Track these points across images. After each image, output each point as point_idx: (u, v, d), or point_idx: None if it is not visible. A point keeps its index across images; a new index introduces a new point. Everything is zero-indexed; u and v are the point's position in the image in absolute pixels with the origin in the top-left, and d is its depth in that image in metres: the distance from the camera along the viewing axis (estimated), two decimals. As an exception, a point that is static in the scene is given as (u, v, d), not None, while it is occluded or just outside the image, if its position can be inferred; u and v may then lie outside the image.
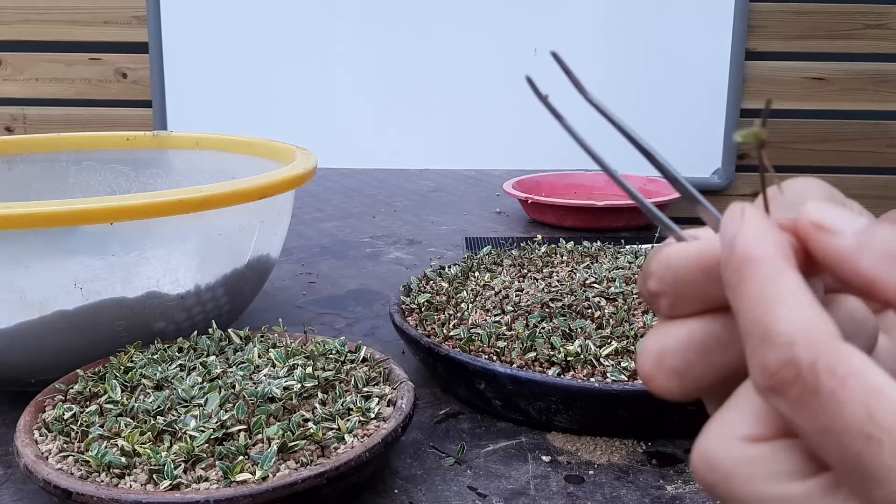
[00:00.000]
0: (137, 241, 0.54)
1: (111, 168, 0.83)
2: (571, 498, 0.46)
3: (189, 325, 0.60)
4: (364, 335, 0.70)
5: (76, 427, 0.44)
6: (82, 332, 0.54)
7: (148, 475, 0.40)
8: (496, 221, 1.13)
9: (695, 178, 1.74)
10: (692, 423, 0.52)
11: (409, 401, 0.47)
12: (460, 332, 0.56)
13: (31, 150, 0.81)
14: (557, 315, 0.57)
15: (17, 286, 0.52)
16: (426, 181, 1.44)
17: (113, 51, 1.85)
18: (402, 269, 0.90)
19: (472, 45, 1.78)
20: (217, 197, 0.54)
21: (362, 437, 0.44)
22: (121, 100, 1.88)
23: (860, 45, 1.76)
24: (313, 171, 0.66)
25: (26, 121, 1.89)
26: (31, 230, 0.50)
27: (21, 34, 1.85)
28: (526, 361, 0.53)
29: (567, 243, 0.74)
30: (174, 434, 0.43)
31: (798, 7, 1.76)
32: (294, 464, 0.41)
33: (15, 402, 0.56)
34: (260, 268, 0.66)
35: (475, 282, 0.66)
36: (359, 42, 1.80)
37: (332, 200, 1.27)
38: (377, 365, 0.52)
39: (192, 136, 0.83)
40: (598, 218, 1.04)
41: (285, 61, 1.82)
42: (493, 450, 0.51)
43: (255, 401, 0.45)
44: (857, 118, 1.79)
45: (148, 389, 0.48)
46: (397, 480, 0.48)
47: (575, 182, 1.23)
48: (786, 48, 1.77)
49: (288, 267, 0.91)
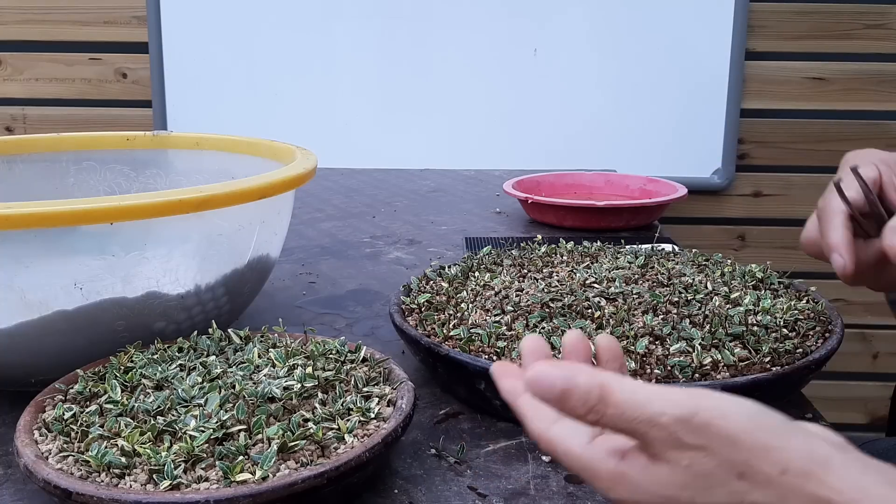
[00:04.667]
0: (137, 241, 0.54)
1: (111, 168, 0.83)
2: (571, 498, 0.46)
3: (189, 325, 0.59)
4: (364, 335, 0.70)
5: (76, 427, 0.44)
6: (82, 332, 0.54)
7: (148, 475, 0.40)
8: (496, 221, 1.13)
9: (695, 178, 1.74)
10: (692, 423, 0.52)
11: (409, 401, 0.47)
12: (460, 332, 0.56)
13: (31, 150, 0.81)
14: (557, 315, 0.57)
15: (17, 286, 0.52)
16: (426, 181, 1.44)
17: (113, 51, 1.85)
18: (402, 269, 0.90)
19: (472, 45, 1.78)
20: (217, 197, 0.54)
21: (362, 437, 0.44)
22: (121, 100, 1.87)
23: (860, 45, 1.76)
24: (313, 171, 0.66)
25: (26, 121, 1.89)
26: (31, 230, 0.50)
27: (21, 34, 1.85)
28: (526, 361, 0.53)
29: (567, 243, 0.74)
30: (174, 434, 0.43)
31: (798, 7, 1.76)
32: (294, 464, 0.41)
33: (15, 402, 0.56)
34: (260, 268, 0.66)
35: (475, 282, 0.66)
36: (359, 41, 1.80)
37: (332, 200, 1.27)
38: (377, 365, 0.52)
39: (192, 136, 0.83)
40: (598, 218, 1.04)
41: (285, 61, 1.82)
42: (493, 450, 0.51)
43: (255, 401, 0.45)
44: (857, 118, 1.79)
45: (148, 389, 0.48)
46: (397, 480, 0.48)
47: (575, 182, 1.23)
48: (786, 48, 1.77)
49: (288, 267, 0.91)
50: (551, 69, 1.77)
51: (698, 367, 0.52)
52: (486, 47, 1.79)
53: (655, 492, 0.33)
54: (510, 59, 1.78)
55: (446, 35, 1.79)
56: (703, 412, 0.31)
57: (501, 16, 1.77)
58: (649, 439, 0.32)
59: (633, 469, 0.33)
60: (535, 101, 1.79)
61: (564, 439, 0.35)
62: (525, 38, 1.77)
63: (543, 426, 0.36)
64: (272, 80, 1.83)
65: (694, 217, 1.78)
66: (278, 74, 1.82)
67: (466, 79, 1.80)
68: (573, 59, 1.77)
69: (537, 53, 1.78)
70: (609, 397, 0.32)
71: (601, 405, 0.32)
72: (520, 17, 1.77)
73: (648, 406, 0.32)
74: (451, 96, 1.81)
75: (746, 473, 0.31)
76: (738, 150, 1.78)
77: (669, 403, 0.32)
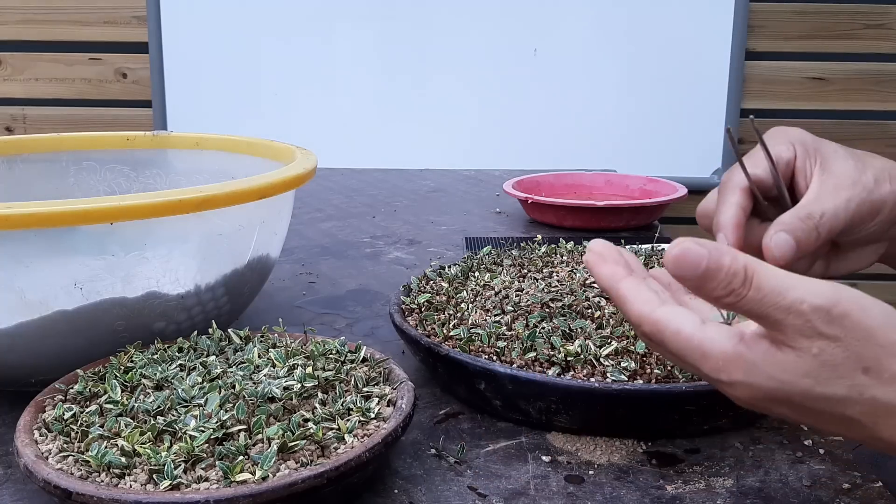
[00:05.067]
0: (137, 241, 0.54)
1: (111, 168, 0.83)
2: (571, 498, 0.46)
3: (189, 325, 0.60)
4: (364, 335, 0.70)
5: (76, 427, 0.44)
6: (82, 332, 0.54)
7: (148, 475, 0.40)
8: (496, 221, 1.13)
9: (695, 178, 1.74)
10: (692, 423, 0.52)
11: (409, 401, 0.47)
12: (460, 332, 0.56)
13: (31, 150, 0.81)
14: (557, 315, 0.57)
15: (17, 286, 0.52)
16: (426, 181, 1.44)
17: (113, 51, 1.85)
18: (402, 269, 0.90)
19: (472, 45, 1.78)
20: (217, 197, 0.54)
21: (362, 437, 0.44)
22: (121, 100, 1.88)
23: (860, 45, 1.76)
24: (313, 171, 0.66)
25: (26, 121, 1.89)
26: (31, 230, 0.50)
27: (21, 34, 1.85)
28: (526, 361, 0.53)
29: (567, 243, 0.74)
30: (174, 434, 0.43)
31: (798, 7, 1.76)
32: (294, 464, 0.41)
33: (15, 402, 0.56)
34: (260, 268, 0.66)
35: (475, 282, 0.66)
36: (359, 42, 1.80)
37: (332, 200, 1.27)
38: (377, 365, 0.52)
39: (192, 136, 0.83)
40: (598, 218, 1.04)
41: (285, 61, 1.82)
42: (493, 450, 0.51)
43: (255, 401, 0.45)
44: (857, 118, 1.79)
45: (148, 389, 0.48)
46: (397, 480, 0.48)
47: (575, 182, 1.23)
48: (786, 48, 1.77)
49: (288, 267, 0.91)
50: (551, 69, 1.77)
51: (698, 367, 0.52)
52: (486, 47, 1.79)
53: (774, 375, 0.33)
54: (510, 60, 1.78)
55: (447, 35, 1.79)
56: (843, 303, 0.32)
57: (501, 16, 1.77)
58: (783, 326, 0.32)
59: (754, 351, 0.33)
60: (534, 101, 1.79)
61: (673, 320, 0.35)
62: (525, 38, 1.77)
63: (648, 308, 0.36)
64: (272, 80, 1.83)
65: (694, 217, 1.78)
66: (278, 74, 1.83)
67: (467, 79, 1.80)
68: (573, 59, 1.77)
69: (537, 53, 1.78)
70: (753, 280, 0.32)
71: (743, 288, 0.32)
72: (520, 17, 1.77)
73: (790, 292, 0.32)
74: (451, 96, 1.81)
75: (872, 369, 0.32)
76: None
77: (811, 292, 0.32)
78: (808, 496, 0.46)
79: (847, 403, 0.33)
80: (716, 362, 0.34)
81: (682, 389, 0.49)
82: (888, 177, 0.46)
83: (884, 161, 0.48)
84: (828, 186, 0.46)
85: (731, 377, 0.34)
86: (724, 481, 0.47)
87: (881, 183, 0.46)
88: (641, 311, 0.36)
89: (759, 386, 0.33)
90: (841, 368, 0.32)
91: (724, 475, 0.48)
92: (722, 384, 0.35)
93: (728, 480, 0.48)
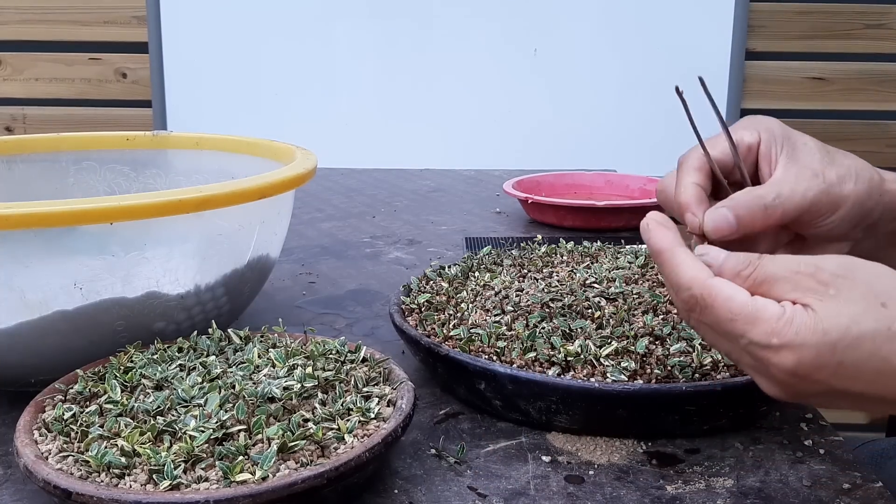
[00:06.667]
0: (137, 241, 0.54)
1: (111, 168, 0.83)
2: (571, 498, 0.46)
3: (189, 325, 0.59)
4: (364, 335, 0.70)
5: (76, 427, 0.44)
6: (82, 332, 0.54)
7: (148, 475, 0.40)
8: (496, 221, 1.13)
9: (695, 178, 1.74)
10: (692, 423, 0.52)
11: (409, 401, 0.47)
12: (460, 332, 0.56)
13: (31, 150, 0.81)
14: (557, 315, 0.57)
15: (17, 286, 0.52)
16: (426, 181, 1.44)
17: (113, 51, 1.85)
18: (402, 269, 0.90)
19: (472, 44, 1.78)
20: (217, 197, 0.54)
21: (362, 437, 0.44)
22: (121, 100, 1.88)
23: (860, 45, 1.76)
24: (313, 171, 0.66)
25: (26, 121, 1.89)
26: (31, 230, 0.50)
27: (21, 34, 1.85)
28: (526, 361, 0.53)
29: (567, 243, 0.74)
30: (174, 434, 0.43)
31: (798, 7, 1.76)
32: (294, 464, 0.41)
33: (15, 402, 0.56)
34: (260, 268, 0.66)
35: (475, 282, 0.66)
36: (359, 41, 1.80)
37: (332, 200, 1.27)
38: (377, 365, 0.52)
39: (192, 136, 0.83)
40: (598, 218, 1.04)
41: (285, 61, 1.82)
42: (493, 450, 0.51)
43: (255, 401, 0.45)
44: (857, 118, 1.79)
45: (148, 389, 0.48)
46: (397, 480, 0.48)
47: (575, 182, 1.23)
48: (786, 48, 1.77)
49: (288, 267, 0.91)
50: (551, 69, 1.77)
51: (698, 367, 0.52)
52: (486, 47, 1.79)
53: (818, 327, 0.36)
54: (510, 59, 1.79)
55: (447, 35, 1.79)
56: (850, 261, 0.38)
57: (501, 16, 1.77)
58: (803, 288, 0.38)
59: (801, 315, 0.37)
60: (534, 101, 1.79)
61: (727, 287, 0.39)
62: (525, 37, 1.77)
63: (704, 274, 0.40)
64: (272, 80, 1.83)
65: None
66: (278, 74, 1.83)
67: (467, 78, 1.80)
68: (573, 59, 1.77)
69: (537, 53, 1.78)
70: (763, 262, 0.39)
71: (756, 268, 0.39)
72: (520, 17, 1.77)
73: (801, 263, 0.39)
74: (451, 96, 1.81)
75: (889, 304, 0.36)
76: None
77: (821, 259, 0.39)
78: (808, 496, 0.46)
79: (878, 340, 0.36)
80: (768, 325, 0.37)
81: (682, 389, 0.49)
82: (854, 176, 0.46)
83: (855, 161, 0.48)
84: (789, 174, 0.46)
85: (782, 339, 0.37)
86: (724, 481, 0.47)
87: (845, 180, 0.46)
88: (697, 276, 0.40)
89: (810, 344, 0.36)
90: (863, 302, 0.36)
91: (725, 475, 0.48)
92: (769, 351, 0.37)
93: (728, 480, 0.48)
